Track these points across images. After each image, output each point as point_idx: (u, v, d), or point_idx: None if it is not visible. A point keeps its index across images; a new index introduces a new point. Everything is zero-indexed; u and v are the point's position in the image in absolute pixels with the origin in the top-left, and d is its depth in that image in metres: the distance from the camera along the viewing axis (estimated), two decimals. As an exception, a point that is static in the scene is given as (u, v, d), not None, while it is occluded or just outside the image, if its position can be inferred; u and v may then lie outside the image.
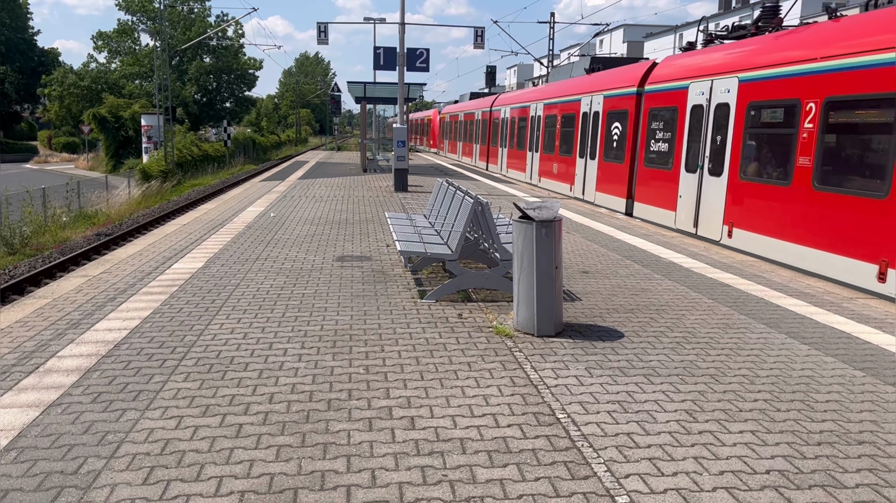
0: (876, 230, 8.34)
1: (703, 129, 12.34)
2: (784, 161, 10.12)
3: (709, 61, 12.65)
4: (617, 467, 3.68)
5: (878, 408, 4.53)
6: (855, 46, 9.01)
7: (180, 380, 4.78)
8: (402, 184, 18.67)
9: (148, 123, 37.68)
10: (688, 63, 13.55)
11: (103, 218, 20.88)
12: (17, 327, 5.92)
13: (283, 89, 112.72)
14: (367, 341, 5.74)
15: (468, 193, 7.63)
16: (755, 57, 11.17)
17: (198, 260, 8.99)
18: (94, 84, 53.15)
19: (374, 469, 3.61)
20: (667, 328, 6.26)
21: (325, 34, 21.98)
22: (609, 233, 12.06)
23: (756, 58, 11.13)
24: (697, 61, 13.19)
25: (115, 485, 3.41)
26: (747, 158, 11.06)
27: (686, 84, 13.10)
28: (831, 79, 9.29)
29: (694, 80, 12.81)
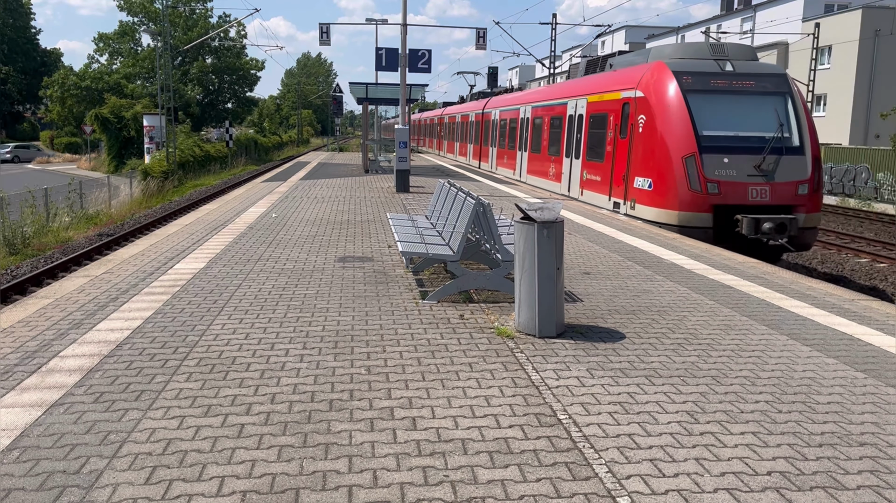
0: (599, 176, 16.06)
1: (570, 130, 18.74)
2: (591, 149, 17.03)
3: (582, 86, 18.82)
4: (618, 468, 3.68)
5: (879, 410, 4.53)
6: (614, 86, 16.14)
7: (182, 381, 4.79)
8: (403, 184, 18.67)
9: (150, 124, 37.71)
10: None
11: (105, 218, 20.92)
12: (19, 327, 5.93)
13: (286, 90, 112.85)
14: (368, 342, 5.75)
15: (470, 194, 7.64)
16: (595, 86, 17.29)
17: (200, 260, 9.00)
18: (95, 85, 53.19)
19: (375, 469, 3.61)
20: (668, 329, 6.26)
21: (327, 35, 21.98)
22: (611, 234, 12.06)
23: (595, 86, 17.28)
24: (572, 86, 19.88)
25: (117, 484, 3.42)
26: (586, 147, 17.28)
27: (566, 101, 19.12)
28: (604, 102, 16.44)
29: (570, 99, 18.72)
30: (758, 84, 13.49)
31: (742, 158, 12.67)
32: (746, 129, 12.95)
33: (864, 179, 26.84)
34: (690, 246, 11.05)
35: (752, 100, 13.29)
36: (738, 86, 13.42)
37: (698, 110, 12.96)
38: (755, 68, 13.81)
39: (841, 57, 40.04)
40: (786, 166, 12.76)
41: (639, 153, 13.99)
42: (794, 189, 12.71)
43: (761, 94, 13.34)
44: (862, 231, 20.68)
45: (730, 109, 13.19)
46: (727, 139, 12.84)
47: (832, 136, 39.10)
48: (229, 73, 62.88)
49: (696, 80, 13.35)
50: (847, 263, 15.90)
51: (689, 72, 13.48)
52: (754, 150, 12.73)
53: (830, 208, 25.49)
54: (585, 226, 13.01)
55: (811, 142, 13.02)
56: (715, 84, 13.36)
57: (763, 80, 13.57)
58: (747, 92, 13.36)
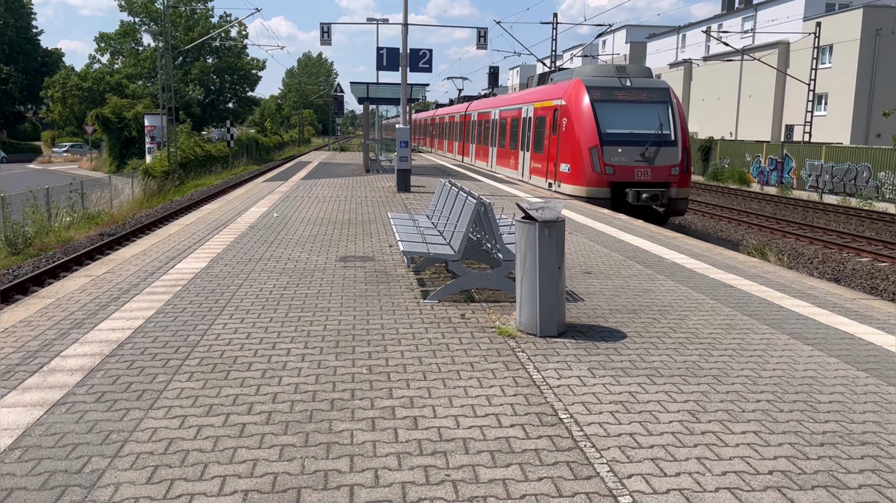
0: (538, 163, 20.02)
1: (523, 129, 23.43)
2: (533, 143, 21.81)
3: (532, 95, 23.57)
4: (620, 467, 3.68)
5: (881, 409, 4.53)
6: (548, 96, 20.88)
7: (184, 380, 4.79)
8: (404, 184, 18.67)
9: (151, 124, 37.72)
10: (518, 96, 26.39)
11: (106, 218, 20.93)
12: (21, 327, 5.94)
13: (287, 90, 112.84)
14: (369, 341, 5.75)
15: (471, 194, 7.64)
16: (531, 98, 22.63)
17: (201, 260, 9.00)
18: (97, 86, 53.23)
19: (377, 469, 3.62)
20: (670, 329, 6.26)
21: (328, 35, 21.98)
22: (612, 233, 12.06)
23: (539, 95, 22.04)
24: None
25: (118, 484, 3.42)
26: (532, 141, 21.83)
27: (521, 106, 23.74)
28: (541, 108, 20.78)
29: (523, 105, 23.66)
30: (647, 96, 18.32)
31: (631, 149, 17.49)
32: (636, 128, 17.73)
33: (866, 179, 26.81)
34: (692, 245, 11.05)
35: (641, 107, 18.10)
36: (633, 97, 18.28)
37: (602, 114, 17.77)
38: (646, 83, 18.72)
39: (842, 56, 40.02)
40: (663, 155, 17.57)
41: (562, 146, 18.92)
42: (668, 171, 17.56)
43: (649, 103, 18.12)
44: (863, 230, 20.66)
45: (625, 114, 17.97)
46: (621, 135, 17.62)
47: (833, 136, 39.08)
48: (230, 73, 62.88)
49: (602, 92, 18.20)
50: (848, 263, 15.90)
51: (597, 86, 18.33)
52: (640, 143, 17.51)
53: (832, 207, 25.47)
54: (587, 225, 13.01)
55: (682, 137, 17.90)
56: (615, 96, 18.20)
57: (651, 92, 18.42)
58: (639, 101, 18.22)
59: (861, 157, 27.28)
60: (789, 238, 19.41)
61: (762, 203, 27.95)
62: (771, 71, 42.56)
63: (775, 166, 32.35)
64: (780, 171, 31.92)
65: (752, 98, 47.93)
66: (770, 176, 32.71)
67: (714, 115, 52.08)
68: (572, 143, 18.20)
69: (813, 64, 37.17)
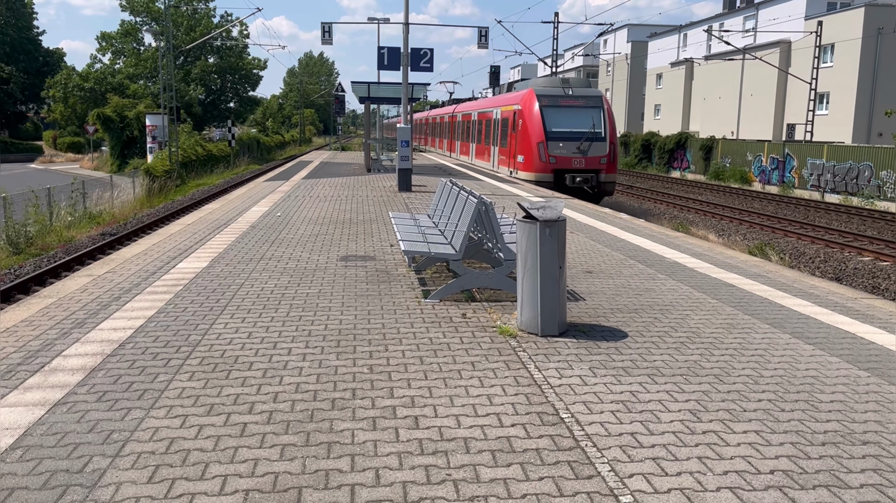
0: (503, 155, 25.41)
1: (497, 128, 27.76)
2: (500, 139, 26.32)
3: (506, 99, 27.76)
4: (621, 467, 3.68)
5: (882, 409, 4.52)
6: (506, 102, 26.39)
7: (185, 380, 4.80)
8: (405, 184, 18.67)
9: (152, 123, 37.73)
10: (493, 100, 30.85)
11: (108, 217, 20.93)
12: (22, 326, 5.94)
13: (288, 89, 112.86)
14: (370, 341, 5.75)
15: (472, 193, 7.63)
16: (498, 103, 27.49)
17: (202, 259, 9.01)
18: (98, 85, 53.25)
19: (378, 468, 3.61)
20: (671, 328, 6.26)
21: (329, 34, 21.99)
22: (613, 233, 12.05)
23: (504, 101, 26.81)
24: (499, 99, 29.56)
25: (120, 483, 3.42)
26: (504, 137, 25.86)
27: (492, 109, 28.67)
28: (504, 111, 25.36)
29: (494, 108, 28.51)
30: (584, 102, 23.14)
31: (570, 143, 22.26)
32: (574, 127, 22.48)
33: (867, 178, 26.79)
34: (693, 244, 11.04)
35: (579, 110, 22.92)
36: (573, 103, 23.06)
37: (548, 117, 22.62)
38: (584, 92, 23.76)
39: (843, 55, 39.96)
40: (594, 148, 22.34)
41: (519, 141, 23.65)
42: (598, 160, 22.31)
43: (585, 108, 22.93)
44: (865, 230, 20.64)
45: (566, 116, 22.75)
46: (562, 133, 22.40)
47: (835, 135, 39.04)
48: (232, 73, 62.89)
49: (549, 99, 23.06)
50: (850, 262, 15.88)
51: (545, 94, 23.25)
52: (577, 139, 22.32)
53: (833, 206, 25.44)
54: (588, 224, 13.01)
55: (611, 134, 22.78)
56: (559, 102, 23.03)
57: (588, 99, 23.31)
58: (577, 106, 22.99)
59: (863, 156, 27.25)
60: (791, 237, 19.40)
61: (764, 202, 27.93)
62: (772, 70, 42.51)
63: (777, 165, 32.32)
64: (782, 171, 31.89)
65: (753, 97, 47.89)
66: (771, 175, 32.69)
67: (715, 115, 52.04)
68: (526, 138, 23.17)
69: (814, 63, 37.13)
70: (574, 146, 22.21)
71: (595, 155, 22.26)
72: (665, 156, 42.99)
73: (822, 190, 29.04)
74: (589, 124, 22.44)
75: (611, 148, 22.55)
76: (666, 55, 61.69)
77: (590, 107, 22.93)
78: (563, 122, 22.53)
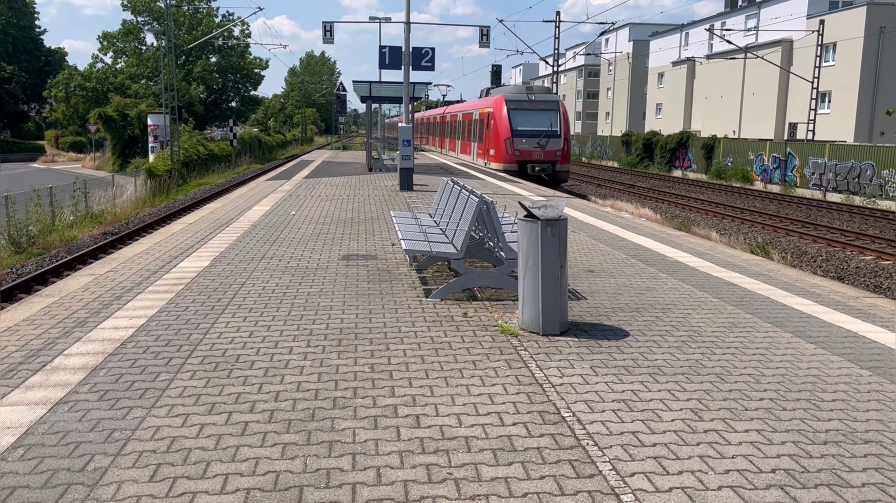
0: (480, 150, 30.98)
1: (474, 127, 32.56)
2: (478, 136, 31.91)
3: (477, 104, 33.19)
4: (622, 466, 3.68)
5: (884, 408, 4.51)
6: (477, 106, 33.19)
7: (186, 378, 4.80)
8: (407, 183, 18.66)
9: (154, 123, 37.75)
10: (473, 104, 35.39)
11: (110, 217, 20.94)
12: (24, 325, 5.95)
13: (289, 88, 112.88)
14: (372, 340, 5.75)
15: (473, 192, 7.63)
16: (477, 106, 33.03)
17: (204, 258, 9.01)
18: (100, 85, 53.27)
19: (379, 467, 3.61)
20: (672, 327, 6.25)
21: (330, 34, 22.00)
22: (615, 231, 12.04)
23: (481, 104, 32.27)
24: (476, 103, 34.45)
25: (121, 482, 3.42)
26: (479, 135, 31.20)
27: (473, 111, 33.49)
28: (481, 113, 30.87)
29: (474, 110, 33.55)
30: (544, 105, 28.07)
31: (531, 139, 27.11)
32: (535, 126, 27.38)
33: (869, 177, 26.76)
34: (694, 243, 11.03)
35: (539, 113, 27.75)
36: (534, 106, 27.92)
37: (514, 118, 27.43)
38: (545, 97, 28.69)
39: (845, 54, 39.92)
40: (551, 143, 27.29)
41: (492, 137, 28.57)
42: (554, 153, 27.23)
43: (544, 110, 27.82)
44: (867, 228, 20.62)
45: (529, 117, 27.54)
46: (526, 131, 27.23)
47: (836, 134, 39.00)
48: (233, 72, 62.87)
49: (515, 104, 27.91)
50: (852, 261, 15.86)
51: (512, 99, 28.15)
52: (537, 136, 27.16)
53: (835, 205, 25.41)
54: (589, 223, 13.00)
55: (565, 131, 27.68)
56: (523, 105, 27.85)
57: (547, 103, 28.23)
58: (538, 109, 27.85)
59: (865, 155, 27.22)
60: (793, 236, 19.38)
61: (765, 201, 27.90)
62: (774, 69, 42.46)
63: (778, 164, 32.29)
64: (784, 170, 31.86)
65: (755, 96, 47.84)
66: (773, 174, 32.66)
67: (717, 114, 52.00)
68: (496, 136, 28.10)
69: (816, 62, 37.08)
70: (535, 142, 27.36)
71: (552, 149, 27.51)
72: (667, 155, 42.98)
73: (824, 189, 29.01)
74: (547, 124, 27.75)
75: (565, 143, 27.89)
76: (667, 54, 61.65)
77: (548, 110, 28.14)
78: (526, 123, 27.58)
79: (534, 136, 27.23)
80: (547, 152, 27.24)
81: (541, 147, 27.14)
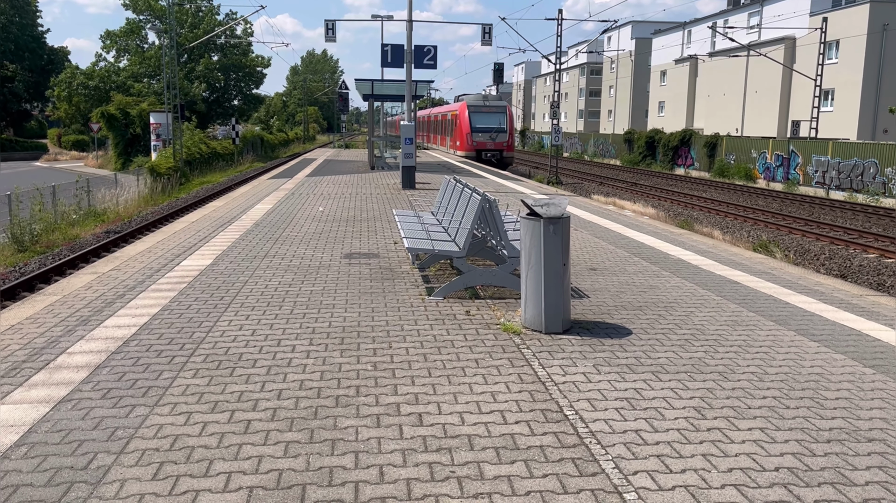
0: (451, 142, 41.68)
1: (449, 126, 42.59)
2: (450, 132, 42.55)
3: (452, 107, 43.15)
4: (625, 464, 3.67)
5: (888, 406, 4.50)
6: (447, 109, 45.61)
7: (189, 377, 4.80)
8: (409, 181, 18.66)
9: (157, 121, 37.77)
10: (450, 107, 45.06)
11: (112, 215, 20.97)
12: (27, 324, 5.96)
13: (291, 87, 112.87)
14: (374, 338, 5.75)
15: (476, 190, 7.62)
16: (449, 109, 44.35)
17: (206, 257, 9.02)
18: (103, 84, 53.30)
19: (382, 465, 3.61)
20: (675, 325, 6.24)
21: (333, 32, 21.98)
22: (617, 230, 12.03)
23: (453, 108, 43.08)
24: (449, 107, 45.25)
25: (124, 480, 3.43)
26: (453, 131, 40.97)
27: (448, 112, 44.03)
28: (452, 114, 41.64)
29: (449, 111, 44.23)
30: (495, 109, 37.68)
31: (485, 134, 36.42)
32: (488, 125, 36.65)
33: (872, 175, 26.70)
34: (697, 241, 11.02)
35: (491, 114, 37.07)
36: (489, 109, 37.37)
37: (473, 118, 36.83)
38: (496, 103, 38.55)
39: (849, 51, 39.80)
40: (499, 136, 36.67)
41: (458, 132, 37.70)
42: (502, 144, 36.51)
43: (495, 113, 37.24)
44: (870, 226, 20.58)
45: (484, 118, 36.85)
46: (482, 128, 36.51)
47: (840, 132, 38.90)
48: (235, 71, 62.89)
49: (474, 108, 37.37)
50: (855, 259, 15.83)
51: (472, 105, 37.68)
52: (489, 132, 36.43)
53: (838, 203, 25.37)
54: (592, 221, 12.99)
55: (510, 128, 37.50)
56: (480, 109, 37.23)
57: (497, 107, 37.94)
58: (491, 112, 37.19)
59: (868, 152, 27.16)
60: (796, 234, 19.35)
61: (768, 199, 27.86)
62: (777, 67, 42.38)
63: (781, 162, 32.23)
64: (787, 168, 31.80)
65: (758, 94, 47.74)
66: (776, 172, 32.60)
67: (720, 111, 51.90)
68: (461, 130, 37.91)
69: (819, 59, 37.00)
70: (488, 136, 37.00)
71: (500, 141, 37.10)
72: (669, 153, 42.92)
73: (827, 187, 28.96)
74: (497, 123, 37.47)
75: (510, 137, 37.78)
76: (670, 52, 61.52)
77: (498, 112, 37.97)
78: (482, 122, 37.34)
79: (487, 131, 37.08)
80: (497, 143, 37.01)
81: (492, 139, 37.01)
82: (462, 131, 37.63)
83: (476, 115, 37.36)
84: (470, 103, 38.11)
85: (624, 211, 15.06)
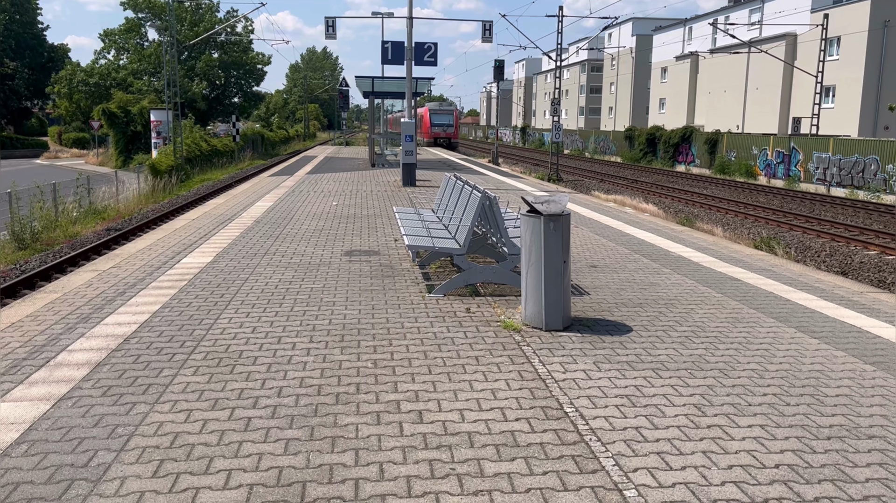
0: (418, 134, 43.76)
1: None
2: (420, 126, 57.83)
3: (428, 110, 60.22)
4: (625, 461, 3.67)
5: (888, 403, 4.50)
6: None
7: (189, 374, 4.80)
8: (409, 178, 18.65)
9: (157, 119, 37.75)
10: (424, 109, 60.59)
11: (113, 213, 20.96)
12: (27, 321, 5.96)
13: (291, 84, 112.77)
14: (375, 335, 5.75)
15: (476, 188, 7.62)
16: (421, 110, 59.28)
17: (206, 254, 9.02)
18: (103, 81, 53.27)
19: (382, 462, 3.62)
20: (675, 322, 6.24)
21: (333, 29, 21.95)
22: (618, 227, 12.03)
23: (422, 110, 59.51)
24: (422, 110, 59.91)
25: (124, 477, 3.43)
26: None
27: (420, 112, 58.00)
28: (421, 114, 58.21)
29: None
30: (447, 109, 60.25)
31: (440, 127, 56.94)
32: (441, 122, 57.14)
33: (873, 171, 26.67)
34: (698, 238, 11.01)
35: (443, 114, 58.04)
36: (443, 111, 59.40)
37: (432, 117, 57.00)
38: (447, 108, 61.91)
39: (850, 48, 39.75)
40: (447, 129, 57.36)
41: (423, 127, 56.53)
42: (450, 134, 57.21)
43: (446, 114, 58.53)
44: (871, 223, 20.56)
45: (439, 117, 57.43)
46: (438, 124, 56.93)
47: (841, 128, 38.86)
48: (236, 68, 62.84)
49: (432, 110, 58.47)
50: (856, 256, 15.83)
51: (432, 108, 59.14)
52: (442, 126, 56.99)
53: (839, 200, 25.35)
54: (592, 219, 12.99)
55: (455, 123, 58.81)
56: (437, 111, 58.72)
57: (448, 110, 60.08)
58: (444, 113, 58.52)
59: (869, 149, 27.13)
60: (796, 231, 19.34)
61: (769, 196, 27.84)
62: (778, 63, 42.33)
63: (782, 159, 32.22)
64: (788, 164, 31.78)
65: (759, 91, 47.68)
66: (777, 169, 32.58)
67: (721, 108, 51.85)
68: (424, 125, 55.17)
69: (820, 56, 36.95)
70: (441, 129, 55.08)
71: (448, 132, 55.60)
72: (670, 150, 42.90)
73: (828, 183, 28.94)
74: (447, 121, 55.83)
75: (455, 129, 56.96)
76: (671, 49, 61.44)
77: (448, 113, 57.03)
78: (438, 120, 55.41)
79: (440, 125, 55.44)
80: (447, 133, 55.70)
81: (443, 130, 55.47)
82: (426, 125, 55.86)
83: (434, 115, 56.27)
84: (431, 107, 58.27)
85: (625, 208, 15.06)
